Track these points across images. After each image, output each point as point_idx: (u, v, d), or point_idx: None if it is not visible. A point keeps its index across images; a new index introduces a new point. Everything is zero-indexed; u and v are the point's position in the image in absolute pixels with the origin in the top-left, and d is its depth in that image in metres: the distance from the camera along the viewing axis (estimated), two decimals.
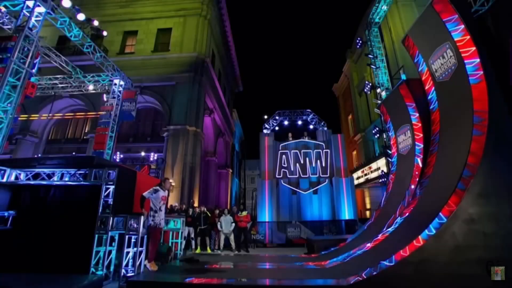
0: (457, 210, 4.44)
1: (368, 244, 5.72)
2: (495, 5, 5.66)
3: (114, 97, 9.87)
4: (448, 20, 5.74)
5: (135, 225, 5.06)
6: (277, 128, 16.50)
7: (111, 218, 5.04)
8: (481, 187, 4.57)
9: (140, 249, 5.06)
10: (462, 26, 5.45)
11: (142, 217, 5.10)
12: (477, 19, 5.81)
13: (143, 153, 16.54)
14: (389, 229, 5.83)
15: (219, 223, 10.29)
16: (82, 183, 5.45)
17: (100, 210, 5.09)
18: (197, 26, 19.79)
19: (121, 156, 16.49)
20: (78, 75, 10.03)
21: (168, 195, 13.51)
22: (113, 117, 9.59)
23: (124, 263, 4.88)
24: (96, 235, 4.93)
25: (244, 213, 10.61)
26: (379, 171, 15.82)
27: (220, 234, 10.46)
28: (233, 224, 10.21)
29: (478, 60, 5.17)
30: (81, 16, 7.93)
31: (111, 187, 5.28)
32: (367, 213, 21.87)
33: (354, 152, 25.97)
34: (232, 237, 10.34)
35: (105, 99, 10.16)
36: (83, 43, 8.18)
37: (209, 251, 10.10)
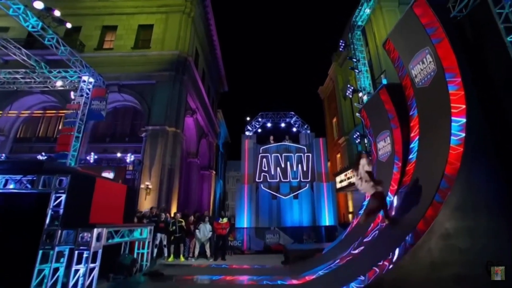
0: (433, 224, 4.21)
1: (343, 257, 5.43)
2: (473, 11, 5.52)
3: (82, 95, 9.19)
4: (428, 24, 5.55)
5: (87, 239, 4.54)
6: (259, 130, 16.17)
7: (60, 231, 4.50)
8: (458, 199, 4.37)
9: (92, 265, 4.55)
10: (441, 31, 5.26)
11: (95, 230, 4.59)
12: (456, 25, 5.66)
13: (119, 154, 15.76)
14: (366, 240, 5.57)
15: (197, 230, 9.85)
16: (29, 191, 4.88)
17: (47, 222, 4.54)
18: (180, 23, 19.18)
19: (96, 157, 15.65)
20: (42, 70, 9.27)
21: None
22: (80, 117, 8.91)
23: (71, 283, 4.35)
24: (41, 251, 4.37)
25: (225, 220, 10.22)
26: None
27: (195, 241, 10.01)
28: (211, 233, 9.87)
29: (456, 66, 4.99)
30: (38, 4, 7.09)
31: (63, 196, 4.74)
32: (350, 216, 21.92)
33: (338, 155, 26.03)
34: (208, 245, 9.92)
35: (72, 96, 9.45)
36: (44, 35, 7.46)
37: (182, 259, 9.61)
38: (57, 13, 7.65)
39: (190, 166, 23.62)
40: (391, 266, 4.11)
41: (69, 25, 8.41)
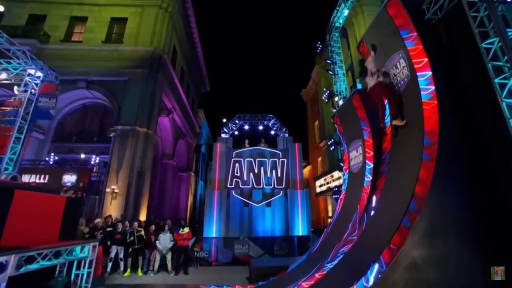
0: (399, 254, 3.65)
1: (303, 284, 4.82)
2: (448, 14, 5.06)
3: (26, 91, 8.12)
4: (401, 26, 5.04)
5: None
6: (236, 132, 15.45)
7: None
8: (428, 224, 3.83)
9: None
10: (415, 34, 4.76)
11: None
12: (431, 28, 5.19)
13: (82, 155, 14.62)
14: (329, 265, 4.98)
15: (157, 241, 9.06)
16: None
17: None
18: (156, 18, 18.22)
19: (57, 157, 14.44)
20: None
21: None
22: (22, 115, 7.83)
23: None
24: None
25: (186, 229, 9.43)
26: (339, 181, 15.43)
27: (156, 253, 9.19)
28: (172, 242, 9.09)
29: (430, 73, 4.48)
30: None
31: None
32: (329, 221, 21.63)
33: (319, 159, 25.72)
34: (169, 257, 9.11)
35: (15, 92, 8.36)
36: None
37: (140, 273, 8.77)
38: None
39: (165, 168, 22.61)
40: None
41: (1, 8, 7.29)
